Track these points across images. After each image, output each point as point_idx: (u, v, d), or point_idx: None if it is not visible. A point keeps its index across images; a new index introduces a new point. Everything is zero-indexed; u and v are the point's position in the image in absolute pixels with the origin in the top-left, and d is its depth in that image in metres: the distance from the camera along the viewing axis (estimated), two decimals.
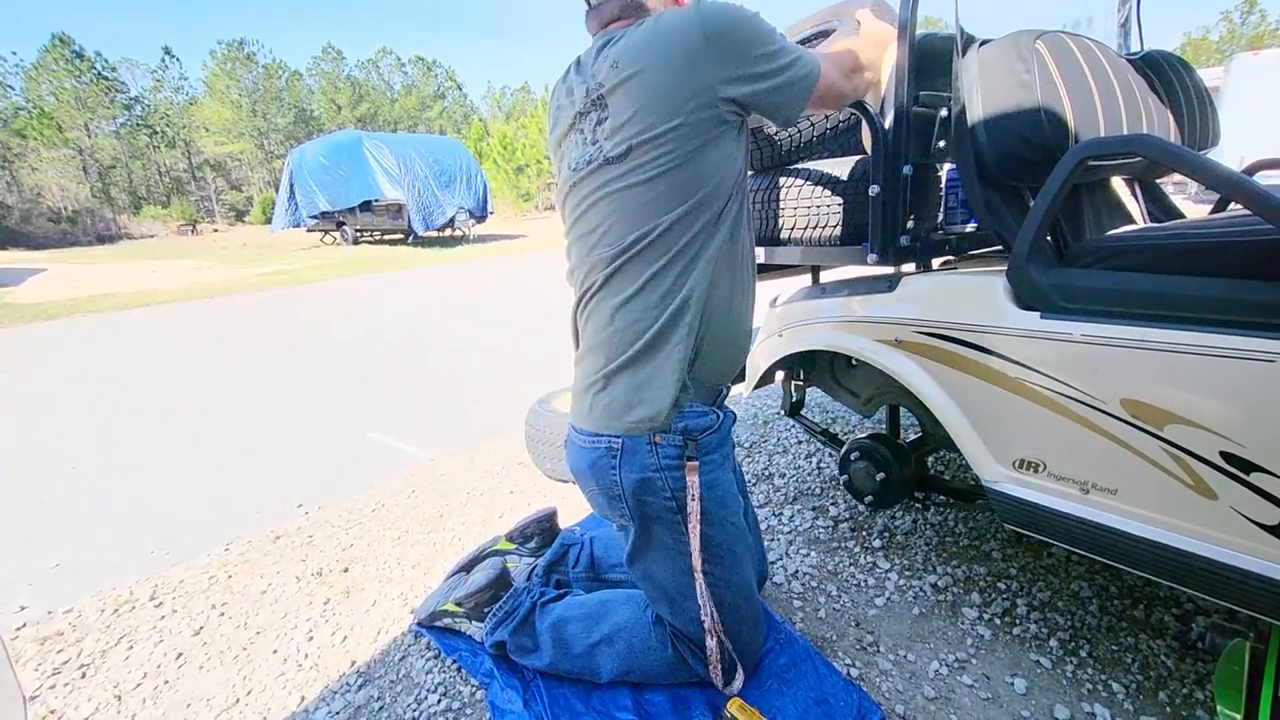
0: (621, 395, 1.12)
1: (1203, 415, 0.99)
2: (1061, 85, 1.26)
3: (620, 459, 1.13)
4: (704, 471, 1.14)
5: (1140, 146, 1.09)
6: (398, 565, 1.85)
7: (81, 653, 1.54)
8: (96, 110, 35.22)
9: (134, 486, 2.55)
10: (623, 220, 1.09)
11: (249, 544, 2.02)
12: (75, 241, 25.80)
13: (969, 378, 1.28)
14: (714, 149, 1.07)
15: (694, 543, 1.14)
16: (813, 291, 1.67)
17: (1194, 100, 1.61)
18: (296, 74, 42.91)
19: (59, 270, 12.98)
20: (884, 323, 1.42)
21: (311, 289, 8.46)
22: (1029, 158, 1.25)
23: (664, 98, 1.02)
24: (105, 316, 6.90)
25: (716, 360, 1.18)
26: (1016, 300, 1.20)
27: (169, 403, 3.67)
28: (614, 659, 1.27)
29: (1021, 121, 1.24)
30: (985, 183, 1.32)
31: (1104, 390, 1.09)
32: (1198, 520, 1.03)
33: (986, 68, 1.30)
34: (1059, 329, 1.13)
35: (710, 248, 1.11)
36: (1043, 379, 1.16)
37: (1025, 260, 1.16)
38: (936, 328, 1.32)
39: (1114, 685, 1.27)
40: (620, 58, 1.05)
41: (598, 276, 1.14)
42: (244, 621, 1.63)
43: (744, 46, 1.03)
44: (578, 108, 1.12)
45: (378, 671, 1.42)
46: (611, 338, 1.13)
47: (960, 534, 1.82)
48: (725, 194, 1.11)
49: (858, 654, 1.40)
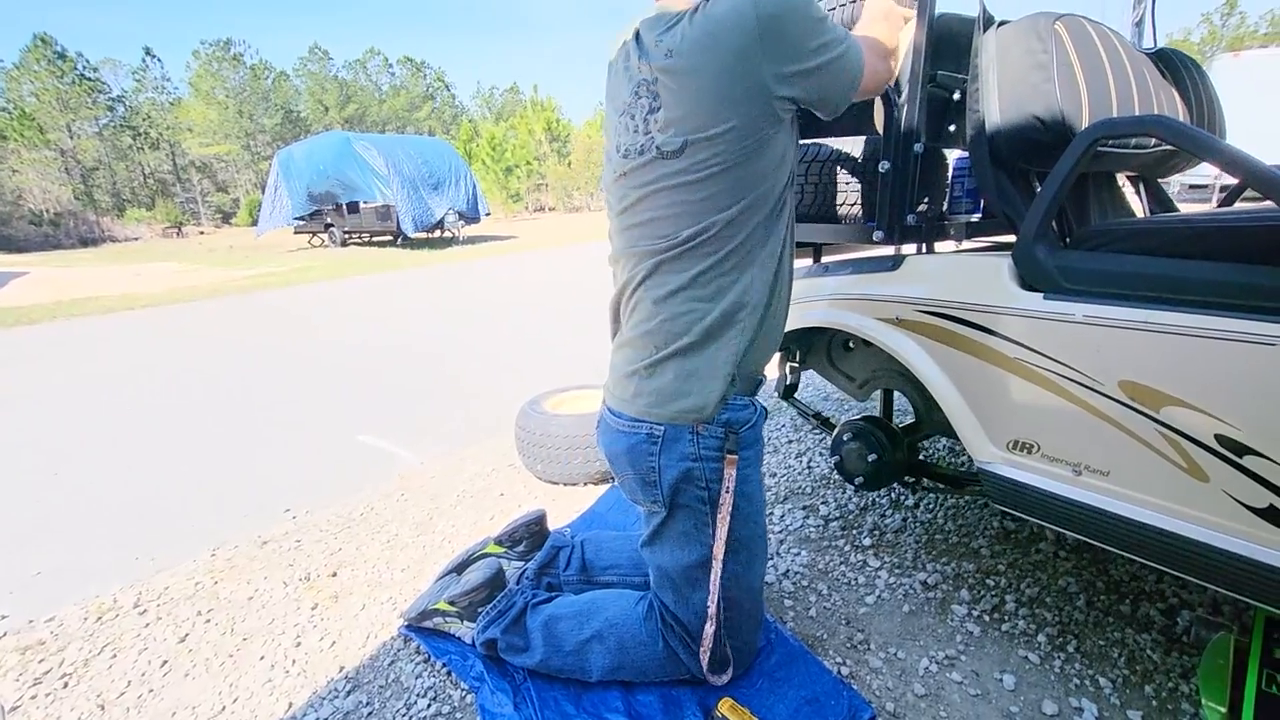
0: (670, 384, 1.12)
1: (1200, 398, 1.00)
2: (1079, 68, 1.27)
3: (661, 446, 1.14)
4: (740, 466, 1.16)
5: (1155, 126, 1.09)
6: (387, 569, 1.83)
7: (64, 662, 1.51)
8: (79, 111, 34.77)
9: (118, 492, 2.52)
10: (676, 216, 1.09)
11: (236, 549, 1.99)
12: (58, 244, 25.46)
13: (968, 357, 1.29)
14: (768, 148, 1.07)
15: (720, 533, 1.16)
16: (814, 270, 1.68)
17: (1204, 100, 1.63)
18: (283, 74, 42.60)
19: (41, 273, 12.79)
20: (886, 301, 1.43)
21: (299, 291, 8.39)
22: (1041, 139, 1.25)
23: (719, 99, 1.01)
24: (89, 320, 6.80)
25: (763, 352, 1.20)
26: (1020, 281, 1.22)
27: (154, 406, 3.62)
28: (605, 655, 1.27)
29: (1036, 102, 1.25)
30: (996, 165, 1.33)
31: (1103, 372, 1.10)
32: (1188, 503, 1.05)
33: (1004, 47, 1.30)
34: (1062, 310, 1.14)
35: (765, 244, 1.12)
36: (1042, 359, 1.18)
37: (1032, 241, 1.18)
38: (939, 307, 1.33)
39: (1101, 680, 1.28)
40: (675, 47, 1.03)
41: (647, 266, 1.14)
42: (230, 628, 1.61)
43: (798, 39, 1.01)
44: (633, 86, 1.11)
45: (367, 676, 1.41)
46: (660, 326, 1.13)
47: (949, 531, 1.84)
48: (779, 191, 1.11)
49: (849, 652, 1.40)
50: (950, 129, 1.51)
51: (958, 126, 1.48)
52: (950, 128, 1.51)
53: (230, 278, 10.49)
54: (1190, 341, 1.00)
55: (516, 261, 10.89)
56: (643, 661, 1.27)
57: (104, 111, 36.91)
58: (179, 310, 7.29)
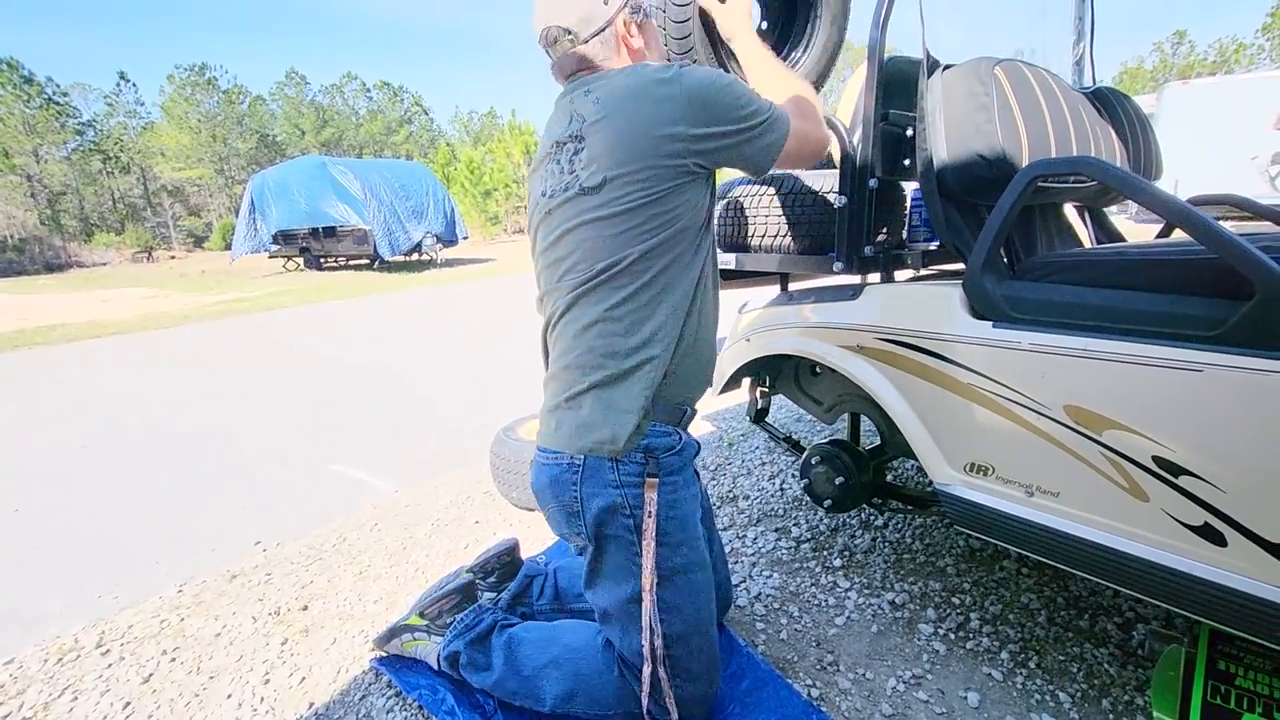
0: (589, 415, 1.15)
1: (1138, 421, 1.06)
2: (1017, 109, 1.35)
3: (582, 476, 1.15)
4: (664, 491, 1.16)
5: (1085, 168, 1.17)
6: (359, 601, 1.81)
7: (23, 705, 1.47)
8: (46, 136, 34.18)
9: (80, 527, 2.46)
10: (593, 249, 1.13)
11: (203, 584, 1.96)
12: (21, 270, 24.80)
13: (924, 383, 1.34)
14: (685, 191, 1.13)
15: (647, 562, 1.15)
16: (780, 299, 1.73)
17: (1139, 133, 1.73)
18: (259, 99, 42.42)
19: (3, 300, 12.47)
20: (847, 329, 1.48)
21: (273, 316, 8.29)
22: (986, 176, 1.32)
23: (640, 143, 1.08)
24: (53, 349, 6.64)
25: (681, 385, 1.22)
26: (971, 310, 1.27)
27: (119, 437, 3.55)
28: (559, 682, 1.26)
29: (979, 141, 1.32)
30: (946, 199, 1.40)
31: (1049, 397, 1.16)
32: (1131, 521, 1.10)
33: (949, 90, 1.38)
34: (1009, 338, 1.20)
35: (681, 280, 1.16)
36: (993, 385, 1.23)
37: (980, 272, 1.24)
38: (896, 334, 1.39)
39: (1060, 695, 1.32)
40: (604, 97, 1.11)
41: (566, 300, 1.17)
42: (196, 666, 1.58)
43: (720, 113, 1.09)
44: (557, 137, 1.17)
45: (337, 713, 1.39)
46: (579, 360, 1.16)
47: (917, 550, 1.88)
48: (696, 230, 1.17)
49: (818, 674, 1.42)
50: (905, 163, 1.58)
51: (911, 161, 1.55)
52: (905, 162, 1.58)
53: (201, 303, 10.32)
54: (1126, 368, 1.06)
55: (493, 285, 10.89)
56: (597, 691, 1.24)
57: (73, 136, 36.34)
58: (147, 338, 7.16)
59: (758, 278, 1.98)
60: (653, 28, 1.29)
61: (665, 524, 1.16)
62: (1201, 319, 1.00)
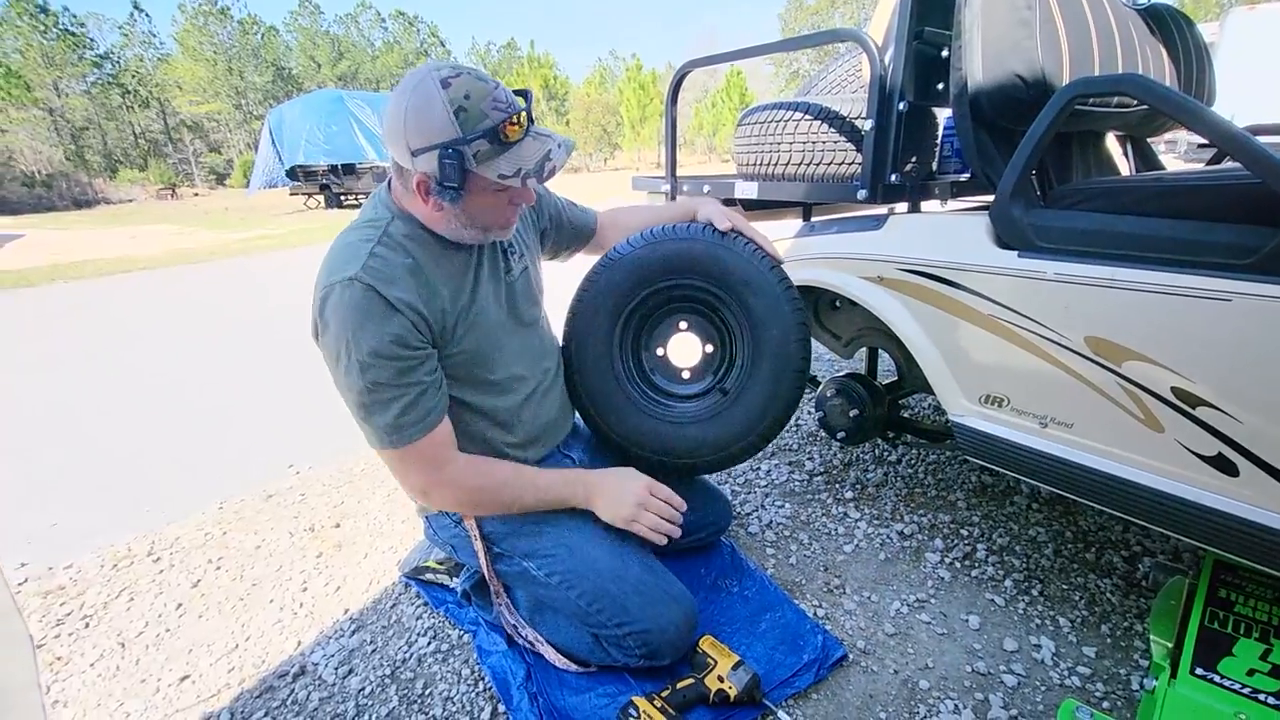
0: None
1: (1160, 352, 1.05)
2: (1061, 25, 1.27)
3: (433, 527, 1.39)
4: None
5: (1130, 86, 1.10)
6: (388, 520, 1.91)
7: (84, 605, 1.60)
8: (65, 68, 33.97)
9: (128, 451, 2.59)
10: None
11: (242, 502, 2.07)
12: (51, 206, 25.19)
13: (944, 314, 1.33)
14: None
15: (487, 570, 1.32)
16: (803, 230, 1.70)
17: (1193, 56, 1.62)
18: (273, 29, 41.43)
19: (36, 236, 12.73)
20: (868, 260, 1.46)
21: (297, 254, 8.36)
22: (1023, 98, 1.26)
23: None
24: (88, 283, 6.81)
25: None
26: (996, 240, 1.25)
27: (160, 369, 3.68)
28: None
29: (1018, 60, 1.25)
30: (979, 124, 1.34)
31: (1071, 328, 1.14)
32: (1144, 452, 1.11)
33: (989, 3, 1.30)
34: (1034, 268, 1.17)
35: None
36: (1015, 316, 1.22)
37: (1008, 199, 1.20)
38: (918, 265, 1.36)
39: (1060, 620, 1.36)
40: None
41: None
42: (240, 574, 1.69)
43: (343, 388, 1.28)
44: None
45: (370, 618, 1.49)
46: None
47: (929, 485, 1.90)
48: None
49: (824, 596, 1.48)
50: (939, 87, 1.51)
51: (945, 84, 1.48)
52: (939, 85, 1.51)
53: (227, 240, 10.44)
54: (1153, 298, 1.04)
55: None
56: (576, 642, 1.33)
57: (91, 68, 36.06)
58: (177, 272, 7.30)
59: (782, 208, 1.94)
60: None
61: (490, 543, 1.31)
62: (1235, 247, 0.97)
